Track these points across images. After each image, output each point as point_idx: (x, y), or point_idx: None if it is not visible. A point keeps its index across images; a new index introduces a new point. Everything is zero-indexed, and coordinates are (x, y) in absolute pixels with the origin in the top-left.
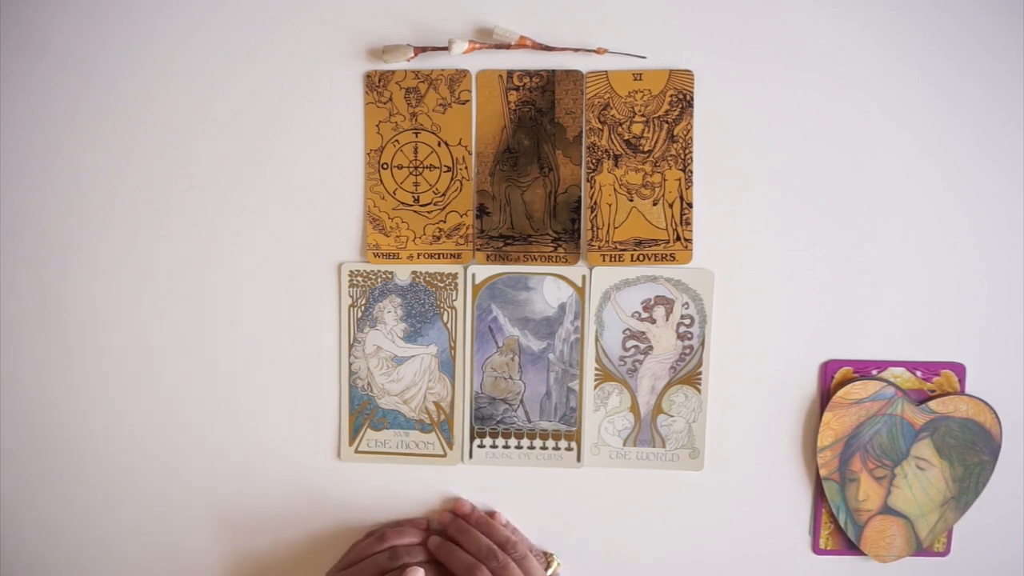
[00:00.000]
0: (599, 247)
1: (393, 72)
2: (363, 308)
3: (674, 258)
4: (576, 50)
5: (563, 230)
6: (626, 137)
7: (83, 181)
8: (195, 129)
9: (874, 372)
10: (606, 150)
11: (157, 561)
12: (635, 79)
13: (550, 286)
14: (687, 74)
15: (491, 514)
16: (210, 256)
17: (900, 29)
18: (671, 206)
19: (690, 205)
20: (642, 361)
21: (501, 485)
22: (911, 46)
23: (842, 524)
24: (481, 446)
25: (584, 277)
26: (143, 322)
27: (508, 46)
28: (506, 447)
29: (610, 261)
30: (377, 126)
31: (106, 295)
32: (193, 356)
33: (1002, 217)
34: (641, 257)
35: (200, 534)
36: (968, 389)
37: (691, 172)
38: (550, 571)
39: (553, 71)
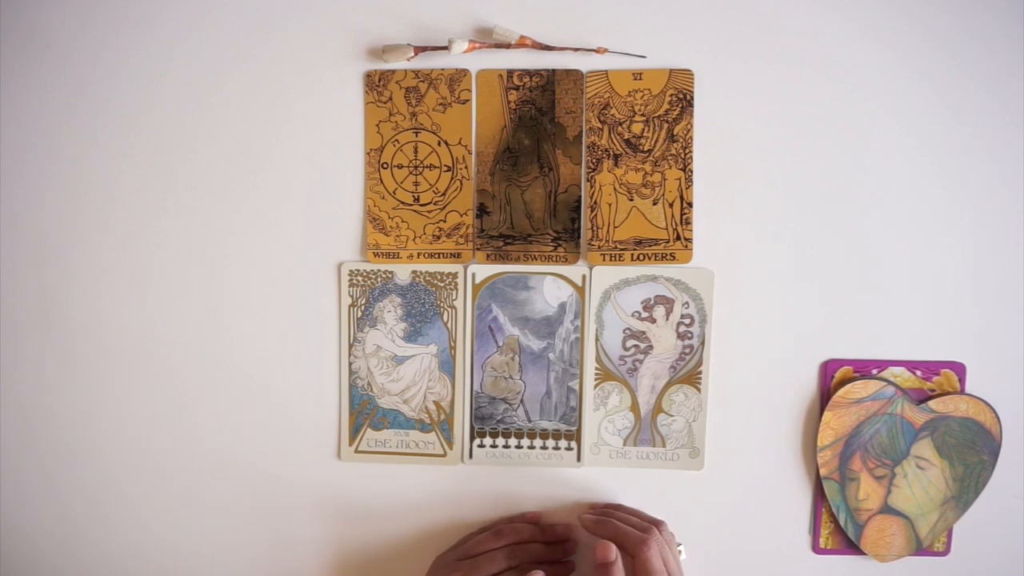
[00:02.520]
0: (599, 247)
1: (393, 72)
2: (363, 308)
3: (674, 258)
4: (576, 49)
5: (563, 230)
6: (626, 137)
7: (83, 181)
8: (195, 128)
9: (874, 371)
10: (606, 149)
11: (155, 561)
12: (635, 79)
13: (550, 286)
14: (687, 74)
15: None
16: (210, 255)
17: (900, 29)
18: (671, 205)
19: (690, 205)
20: (642, 360)
21: (501, 485)
22: (911, 46)
23: (842, 523)
24: (481, 446)
25: (584, 277)
26: (143, 322)
27: (508, 45)
28: (506, 447)
29: (610, 260)
30: (377, 126)
31: (106, 295)
32: (193, 356)
33: (1002, 217)
34: (641, 257)
35: (198, 534)
36: (968, 388)
37: (691, 172)
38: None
39: (553, 70)
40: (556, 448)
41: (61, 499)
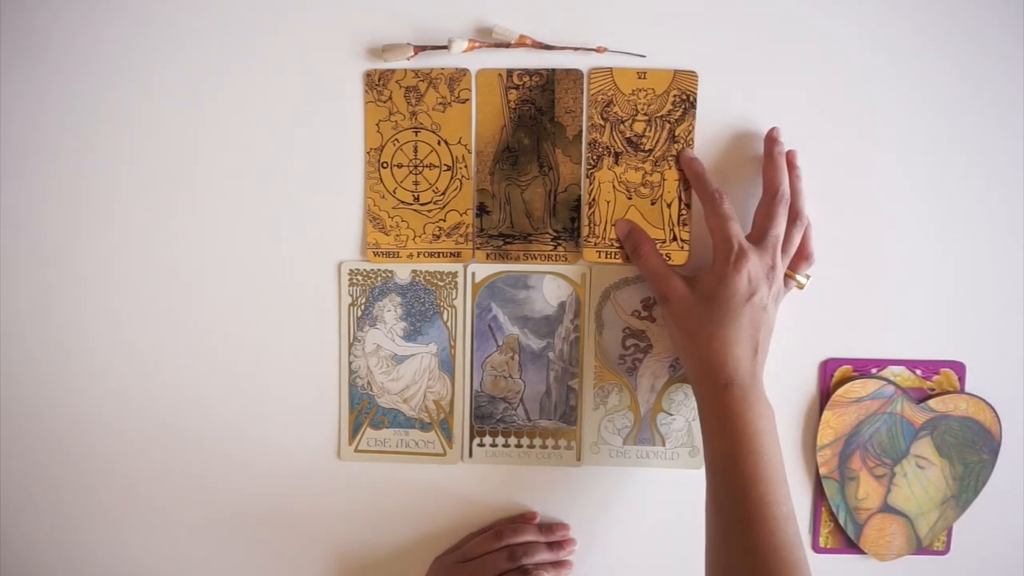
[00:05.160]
0: (595, 243)
1: (393, 71)
2: (363, 307)
3: (670, 258)
4: (576, 49)
5: (563, 229)
6: (627, 135)
7: (83, 181)
8: (195, 128)
9: (874, 371)
10: (607, 147)
11: (155, 560)
12: (639, 77)
13: (550, 285)
14: (691, 75)
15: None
16: (210, 255)
17: (901, 31)
18: (669, 206)
19: (688, 206)
20: (642, 360)
21: (501, 484)
22: (913, 47)
23: (842, 523)
24: (481, 445)
25: (584, 276)
26: (143, 322)
27: (508, 45)
28: (506, 446)
29: (606, 258)
30: (377, 125)
31: (106, 295)
32: (193, 356)
33: (1002, 216)
34: None
35: (198, 534)
36: (968, 388)
37: None
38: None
39: (553, 70)
40: (556, 447)
41: (60, 499)
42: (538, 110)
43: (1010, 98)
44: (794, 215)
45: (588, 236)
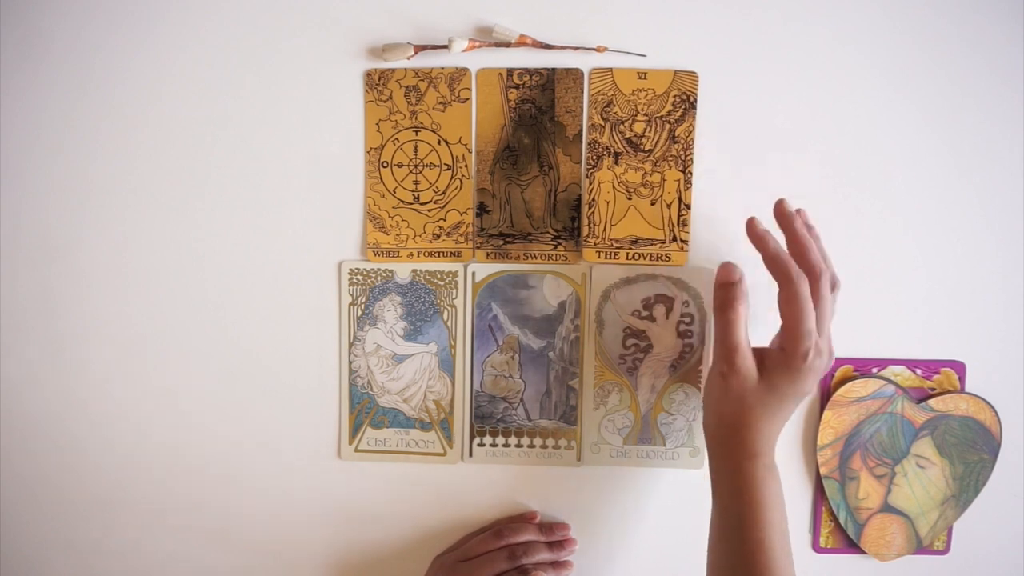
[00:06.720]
0: (595, 243)
1: (393, 70)
2: (363, 306)
3: (669, 258)
4: (576, 48)
5: (563, 228)
6: (627, 135)
7: (83, 181)
8: (195, 128)
9: (874, 370)
10: (607, 147)
11: (154, 560)
12: (640, 78)
13: (550, 284)
14: (691, 75)
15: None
16: (211, 254)
17: (902, 31)
18: (669, 206)
19: (688, 206)
20: (642, 359)
21: (501, 484)
22: (913, 48)
23: (842, 522)
24: (481, 444)
25: (584, 275)
26: (143, 322)
27: (508, 44)
28: (506, 445)
29: (605, 258)
30: (377, 124)
31: (106, 295)
32: (193, 355)
33: (1003, 215)
34: (636, 256)
35: (198, 533)
36: (968, 387)
37: (691, 174)
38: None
39: (553, 69)
40: (556, 447)
41: (60, 500)
42: (538, 109)
43: (1010, 99)
44: (833, 282)
45: (588, 236)
